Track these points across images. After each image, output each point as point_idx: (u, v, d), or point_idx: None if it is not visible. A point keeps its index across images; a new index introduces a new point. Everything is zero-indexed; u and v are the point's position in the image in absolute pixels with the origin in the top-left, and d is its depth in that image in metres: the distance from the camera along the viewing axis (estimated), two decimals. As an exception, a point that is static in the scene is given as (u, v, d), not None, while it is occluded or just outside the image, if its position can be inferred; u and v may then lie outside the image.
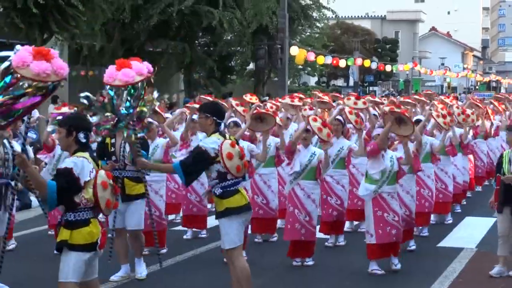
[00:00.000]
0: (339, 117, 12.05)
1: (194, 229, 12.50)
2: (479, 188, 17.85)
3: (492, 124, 17.70)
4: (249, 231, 11.38)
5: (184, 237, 12.44)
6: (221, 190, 7.89)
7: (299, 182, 10.46)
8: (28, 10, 21.58)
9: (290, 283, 9.92)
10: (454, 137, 13.57)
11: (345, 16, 41.39)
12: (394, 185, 10.16)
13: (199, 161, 7.88)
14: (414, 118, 12.59)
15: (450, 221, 13.84)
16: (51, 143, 11.60)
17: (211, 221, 11.89)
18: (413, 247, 11.44)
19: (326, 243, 11.82)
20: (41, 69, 6.22)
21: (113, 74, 8.14)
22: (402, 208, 10.81)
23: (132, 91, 8.18)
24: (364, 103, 13.09)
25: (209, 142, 7.96)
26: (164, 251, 11.03)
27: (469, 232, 13.08)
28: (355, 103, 12.88)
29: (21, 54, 6.25)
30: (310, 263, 10.58)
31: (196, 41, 33.23)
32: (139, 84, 8.16)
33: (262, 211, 11.93)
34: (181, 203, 12.77)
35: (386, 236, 10.00)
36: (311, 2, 37.49)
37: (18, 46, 6.47)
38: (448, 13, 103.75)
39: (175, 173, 8.26)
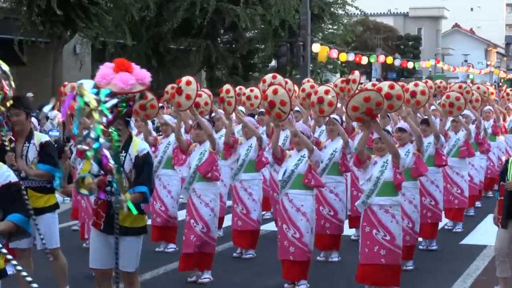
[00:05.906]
0: (335, 116, 10.64)
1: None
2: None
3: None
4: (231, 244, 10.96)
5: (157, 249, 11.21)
6: None
7: (287, 192, 8.99)
8: (51, 9, 21.75)
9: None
10: (468, 134, 12.70)
11: (367, 13, 41.27)
12: (389, 196, 8.44)
13: None
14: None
15: (459, 230, 12.94)
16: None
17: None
18: (410, 268, 10.12)
19: (318, 257, 10.54)
20: (125, 81, 6.14)
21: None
22: (405, 219, 9.66)
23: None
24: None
25: None
26: None
27: (492, 229, 12.93)
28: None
29: (103, 72, 6.19)
30: (303, 287, 9.06)
31: (218, 39, 33.24)
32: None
33: (241, 222, 10.74)
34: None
35: (371, 257, 8.41)
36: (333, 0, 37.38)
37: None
38: (471, 9, 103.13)
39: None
